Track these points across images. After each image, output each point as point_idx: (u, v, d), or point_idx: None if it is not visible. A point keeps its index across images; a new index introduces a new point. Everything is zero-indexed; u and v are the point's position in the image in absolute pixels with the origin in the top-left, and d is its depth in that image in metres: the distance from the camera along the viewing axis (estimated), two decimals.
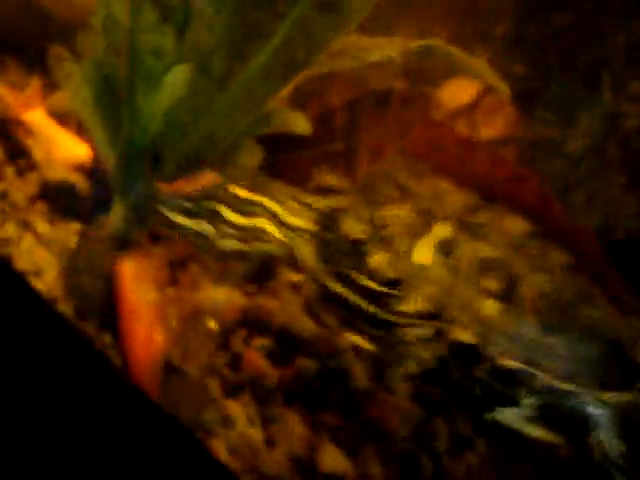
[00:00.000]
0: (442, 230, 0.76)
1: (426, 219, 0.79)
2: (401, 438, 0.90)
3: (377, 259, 0.75)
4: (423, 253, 0.75)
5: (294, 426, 0.89)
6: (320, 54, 0.81)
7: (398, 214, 0.79)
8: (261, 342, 0.95)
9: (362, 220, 0.78)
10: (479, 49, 1.27)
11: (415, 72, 0.90)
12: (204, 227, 0.85)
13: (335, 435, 0.89)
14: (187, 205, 0.83)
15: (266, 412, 0.90)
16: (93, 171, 1.12)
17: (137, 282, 0.85)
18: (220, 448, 0.84)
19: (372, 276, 0.75)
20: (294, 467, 0.86)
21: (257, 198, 0.83)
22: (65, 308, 0.98)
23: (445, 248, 0.75)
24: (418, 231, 0.77)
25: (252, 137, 0.87)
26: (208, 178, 0.83)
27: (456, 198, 0.83)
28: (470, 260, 0.74)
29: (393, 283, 0.75)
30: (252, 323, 0.98)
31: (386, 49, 0.84)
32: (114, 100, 0.88)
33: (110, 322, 0.93)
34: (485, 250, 0.75)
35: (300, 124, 0.85)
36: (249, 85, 0.84)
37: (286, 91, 0.84)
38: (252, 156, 0.87)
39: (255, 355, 0.94)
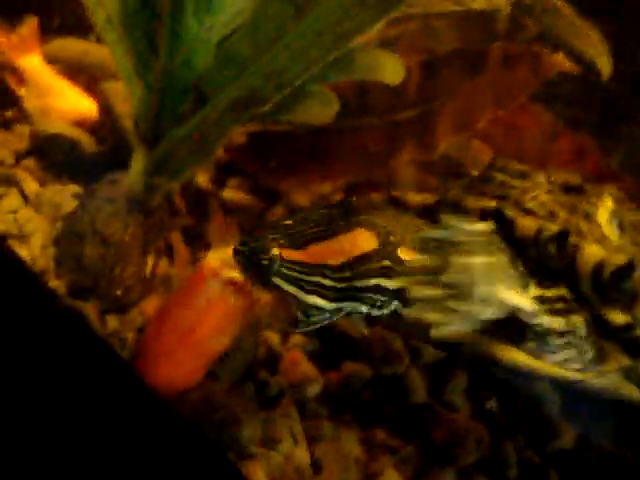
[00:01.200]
0: (608, 203, 0.56)
1: (574, 198, 0.57)
2: (470, 465, 0.67)
3: (591, 251, 0.52)
4: (610, 230, 0.54)
5: (346, 445, 0.64)
6: None
7: (544, 198, 0.57)
8: (301, 340, 0.71)
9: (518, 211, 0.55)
10: None
11: (514, 29, 0.68)
12: None
13: (395, 459, 0.65)
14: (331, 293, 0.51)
15: (312, 426, 0.65)
16: (99, 125, 0.85)
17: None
18: (259, 473, 0.58)
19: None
20: None
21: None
22: (56, 283, 0.70)
23: (616, 219, 0.55)
24: (582, 211, 0.55)
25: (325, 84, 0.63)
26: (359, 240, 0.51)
27: (563, 176, 0.63)
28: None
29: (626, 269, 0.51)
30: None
31: None
32: (150, 20, 0.62)
33: (119, 304, 0.67)
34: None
35: (393, 70, 0.61)
36: (334, 14, 0.61)
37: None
38: (326, 107, 0.63)
39: (297, 356, 0.69)
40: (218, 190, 0.86)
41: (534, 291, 0.51)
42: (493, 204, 0.54)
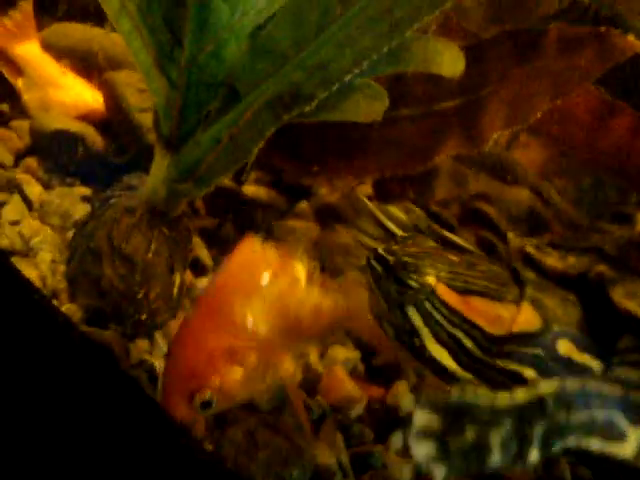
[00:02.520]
0: None
1: None
2: None
3: None
4: None
5: (395, 474, 0.55)
6: None
7: None
8: (344, 355, 0.61)
9: None
10: None
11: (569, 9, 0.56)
12: None
13: None
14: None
15: (358, 453, 0.55)
16: (106, 119, 0.72)
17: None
18: None
19: None
20: None
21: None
22: (70, 306, 0.58)
23: None
24: None
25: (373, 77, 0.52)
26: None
27: None
28: None
29: None
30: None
31: None
32: (172, 5, 0.50)
33: (143, 329, 0.55)
34: None
35: (451, 60, 0.50)
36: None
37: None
38: (375, 103, 0.51)
39: (338, 373, 0.59)
40: (239, 185, 0.74)
41: None
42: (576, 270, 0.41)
